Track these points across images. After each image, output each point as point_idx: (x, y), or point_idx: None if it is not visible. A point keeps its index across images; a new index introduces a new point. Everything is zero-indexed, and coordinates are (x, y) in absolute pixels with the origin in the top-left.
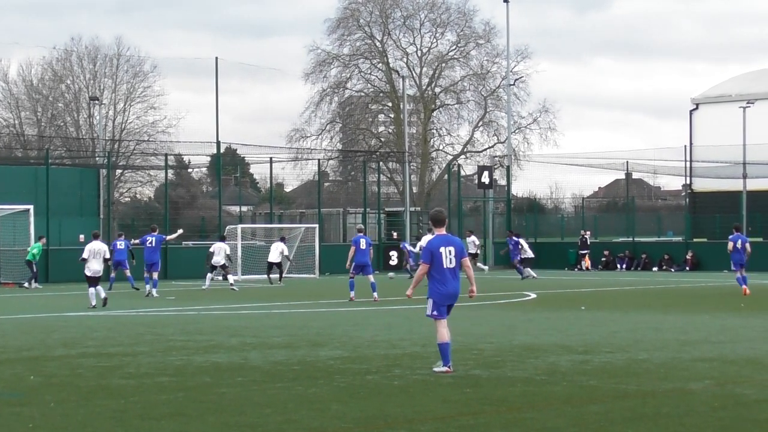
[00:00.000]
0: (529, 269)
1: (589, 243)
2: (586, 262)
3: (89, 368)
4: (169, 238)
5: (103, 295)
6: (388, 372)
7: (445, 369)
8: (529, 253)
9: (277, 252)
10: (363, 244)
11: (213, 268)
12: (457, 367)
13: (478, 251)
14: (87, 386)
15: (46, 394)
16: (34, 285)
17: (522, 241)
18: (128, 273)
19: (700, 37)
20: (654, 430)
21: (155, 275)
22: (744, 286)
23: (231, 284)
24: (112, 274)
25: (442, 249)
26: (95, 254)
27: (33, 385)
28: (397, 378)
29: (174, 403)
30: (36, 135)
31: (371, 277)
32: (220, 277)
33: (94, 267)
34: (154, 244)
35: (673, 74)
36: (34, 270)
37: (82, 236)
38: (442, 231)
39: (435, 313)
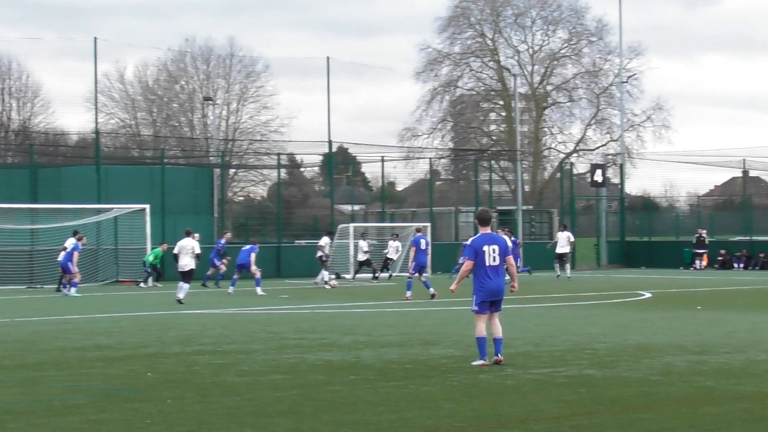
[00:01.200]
0: (564, 268)
1: (706, 242)
2: (704, 261)
3: (205, 365)
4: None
5: (181, 294)
6: (501, 371)
7: (480, 362)
8: (566, 249)
9: (362, 251)
10: (423, 245)
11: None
12: (571, 366)
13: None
14: (202, 383)
15: (162, 390)
16: (150, 283)
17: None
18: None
19: None
20: None
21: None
22: None
23: (326, 281)
24: (236, 276)
25: (485, 247)
26: (184, 250)
27: (150, 381)
28: (510, 377)
29: (288, 400)
30: (151, 135)
31: (424, 276)
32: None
33: (182, 262)
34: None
35: None
36: (149, 270)
37: (197, 235)
38: (487, 230)
39: (476, 308)
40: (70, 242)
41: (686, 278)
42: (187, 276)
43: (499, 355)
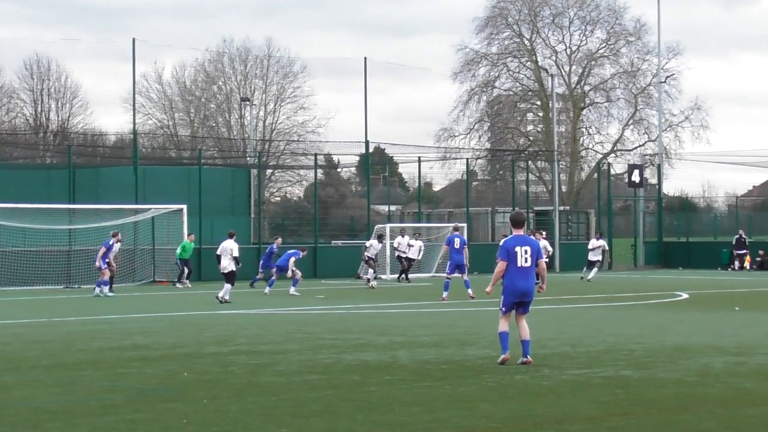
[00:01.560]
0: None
1: (746, 242)
2: (747, 262)
3: (240, 365)
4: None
5: (221, 293)
6: (537, 372)
7: (502, 357)
8: (598, 257)
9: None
10: (457, 243)
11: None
12: (607, 367)
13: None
14: (238, 383)
15: (198, 390)
16: (185, 283)
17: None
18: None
19: None
20: None
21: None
22: None
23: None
24: (273, 277)
25: (517, 248)
26: (225, 252)
27: (186, 381)
28: (546, 378)
29: (323, 400)
30: (189, 136)
31: (465, 276)
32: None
33: (222, 263)
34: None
35: None
36: (180, 267)
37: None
38: (520, 232)
39: (503, 309)
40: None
41: (724, 279)
42: (228, 277)
43: (528, 356)
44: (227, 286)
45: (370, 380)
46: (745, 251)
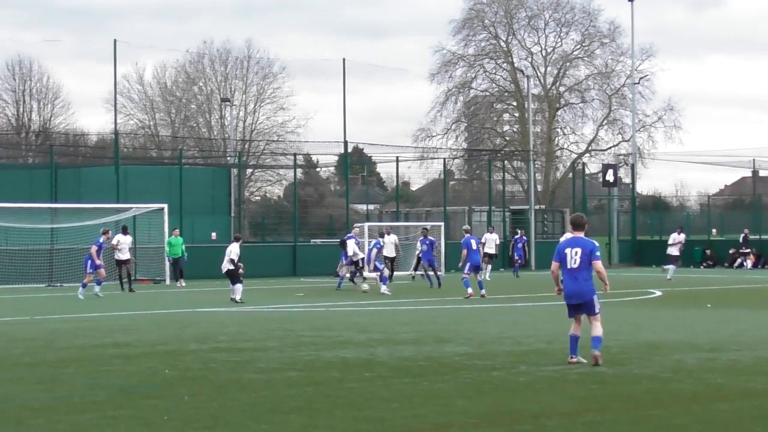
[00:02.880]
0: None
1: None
2: (750, 260)
3: (221, 362)
4: None
5: (235, 295)
6: (514, 368)
7: (569, 360)
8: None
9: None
10: (474, 245)
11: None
12: (583, 364)
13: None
14: (219, 380)
15: (180, 387)
16: (180, 282)
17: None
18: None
19: None
20: None
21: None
22: None
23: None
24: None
25: (567, 250)
26: (227, 254)
27: (168, 378)
28: (523, 374)
29: (303, 397)
30: (170, 136)
31: (480, 275)
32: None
33: (222, 264)
34: None
35: None
36: (173, 265)
37: (214, 234)
38: (579, 234)
39: (568, 312)
40: (122, 239)
41: (696, 277)
42: (230, 277)
43: (596, 350)
44: (237, 286)
45: (350, 377)
46: (749, 250)
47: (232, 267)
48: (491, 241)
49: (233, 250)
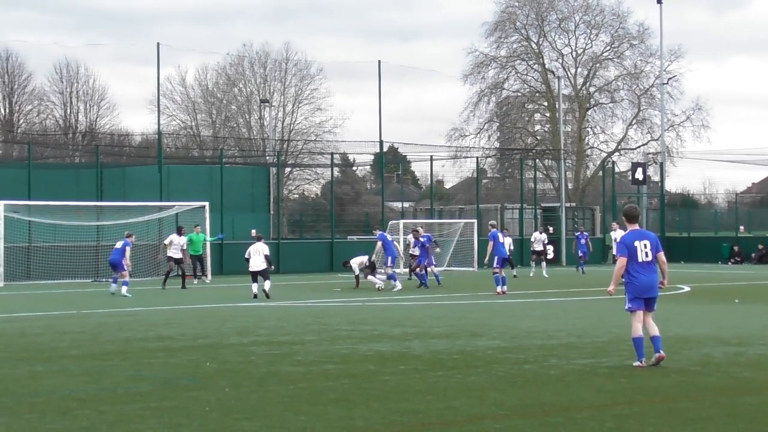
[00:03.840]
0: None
1: None
2: None
3: (260, 356)
4: None
5: (254, 290)
6: (545, 362)
7: (636, 363)
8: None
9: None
10: (501, 238)
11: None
12: (612, 357)
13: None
14: (258, 373)
15: (220, 379)
16: (202, 279)
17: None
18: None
19: None
20: None
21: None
22: None
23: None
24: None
25: (636, 243)
26: (255, 252)
27: (209, 371)
28: (554, 368)
29: (340, 389)
30: (211, 136)
31: (503, 272)
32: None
33: (255, 263)
34: None
35: None
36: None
37: (254, 231)
38: (636, 226)
39: (630, 306)
40: (176, 239)
41: (724, 273)
42: (261, 275)
43: (660, 351)
44: (267, 282)
45: (385, 370)
46: None
47: (266, 265)
48: (539, 241)
49: (265, 248)
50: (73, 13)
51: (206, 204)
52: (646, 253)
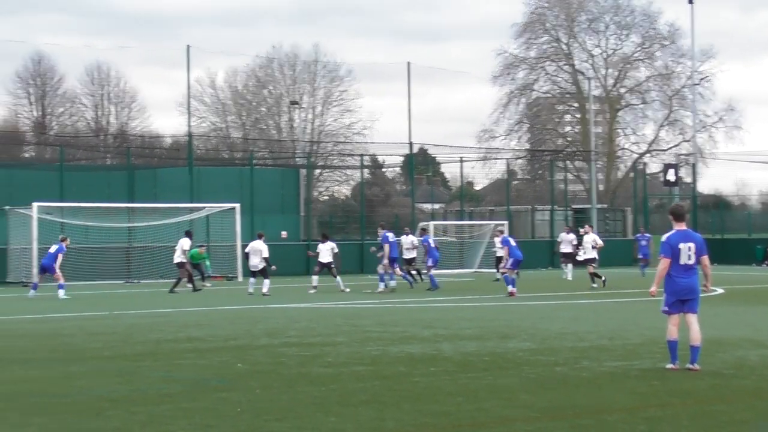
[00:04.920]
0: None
1: None
2: None
3: (291, 357)
4: None
5: (251, 289)
6: (576, 364)
7: (669, 366)
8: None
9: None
10: (512, 242)
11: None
12: (644, 359)
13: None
14: (289, 374)
15: (251, 380)
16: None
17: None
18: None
19: None
20: None
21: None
22: None
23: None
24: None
25: (681, 245)
26: (254, 252)
27: (239, 372)
28: (585, 370)
29: (371, 390)
30: (241, 138)
31: (515, 273)
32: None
33: (252, 262)
34: None
35: None
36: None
37: (284, 233)
38: (683, 226)
39: (666, 308)
40: (185, 242)
41: (758, 275)
42: (260, 274)
43: (695, 364)
44: (266, 281)
45: (416, 371)
46: None
47: (266, 265)
48: (567, 242)
49: (264, 248)
50: (102, 15)
51: (237, 206)
52: (690, 255)
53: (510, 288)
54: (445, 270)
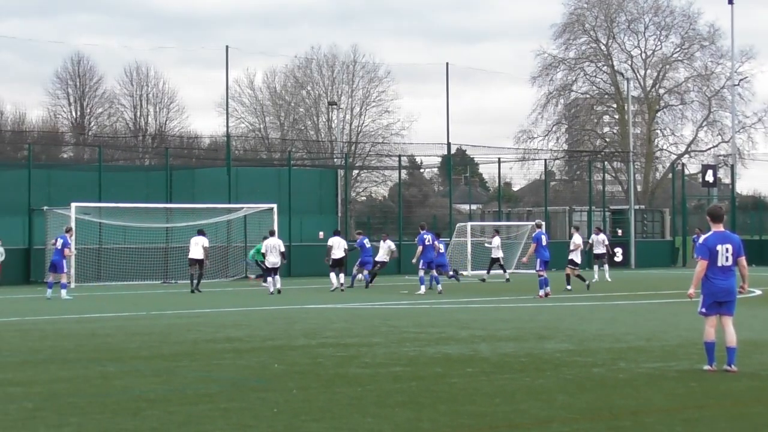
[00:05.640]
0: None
1: None
2: None
3: (328, 357)
4: None
5: (278, 285)
6: (614, 365)
7: (707, 367)
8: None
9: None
10: (544, 241)
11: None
12: (682, 361)
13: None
14: (326, 374)
15: (288, 381)
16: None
17: (496, 239)
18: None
19: None
20: None
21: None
22: None
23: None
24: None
25: (719, 246)
26: (272, 249)
27: (277, 372)
28: (623, 371)
29: (407, 391)
30: (279, 138)
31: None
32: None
33: (270, 260)
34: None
35: None
36: (251, 265)
37: (321, 233)
38: (720, 227)
39: (703, 310)
40: (200, 240)
41: None
42: (273, 272)
43: (732, 365)
44: (277, 277)
45: (453, 372)
46: None
47: (283, 261)
48: (599, 243)
49: (280, 244)
50: (140, 16)
51: (275, 206)
52: (727, 257)
53: (541, 291)
54: (481, 271)
